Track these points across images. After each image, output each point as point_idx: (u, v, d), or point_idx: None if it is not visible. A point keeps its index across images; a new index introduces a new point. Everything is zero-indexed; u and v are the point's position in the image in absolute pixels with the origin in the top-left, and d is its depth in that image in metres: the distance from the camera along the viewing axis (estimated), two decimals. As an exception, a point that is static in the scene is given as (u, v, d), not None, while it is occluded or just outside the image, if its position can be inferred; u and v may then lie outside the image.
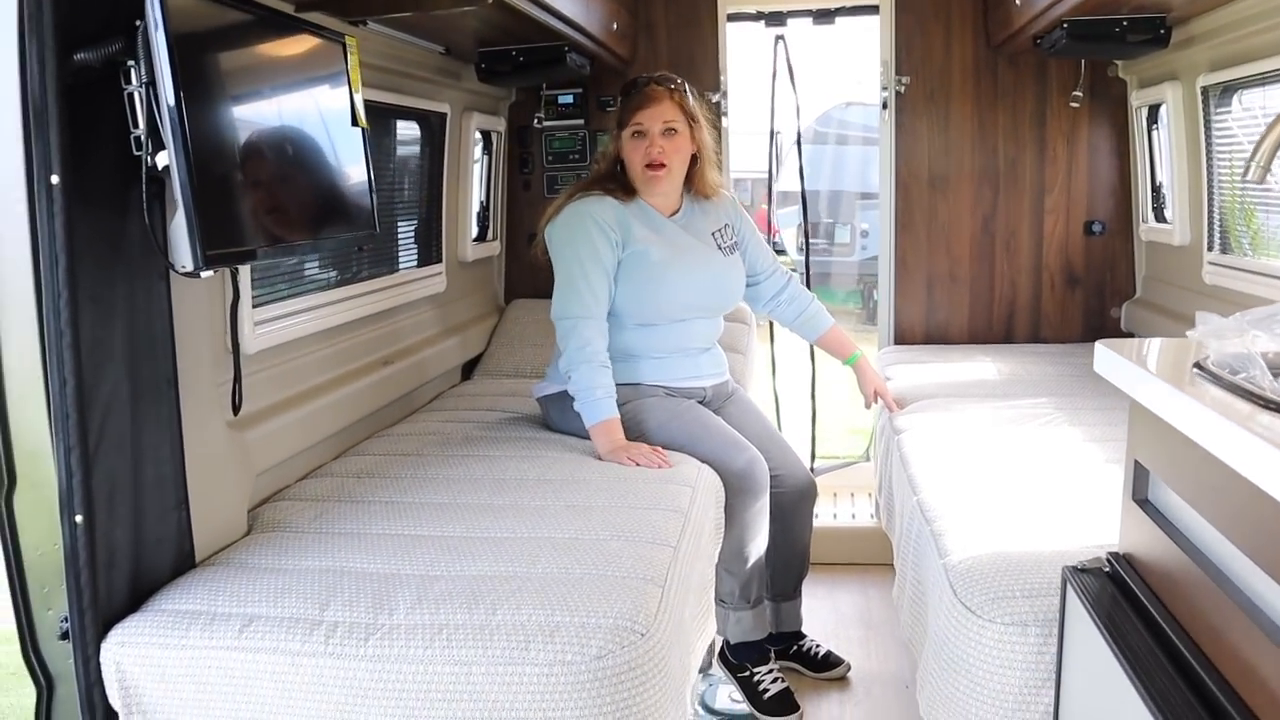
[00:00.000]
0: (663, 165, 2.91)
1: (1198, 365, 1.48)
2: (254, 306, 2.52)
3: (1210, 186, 3.35)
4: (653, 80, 2.94)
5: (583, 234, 2.87)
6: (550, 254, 2.97)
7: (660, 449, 2.76)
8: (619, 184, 2.98)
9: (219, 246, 1.86)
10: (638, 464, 2.69)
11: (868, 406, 3.38)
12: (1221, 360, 1.45)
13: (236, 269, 2.23)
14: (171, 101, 1.76)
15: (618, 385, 2.90)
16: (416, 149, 3.69)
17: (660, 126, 2.91)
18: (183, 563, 2.09)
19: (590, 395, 2.80)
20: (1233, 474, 1.21)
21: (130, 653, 1.88)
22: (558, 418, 3.04)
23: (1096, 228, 4.25)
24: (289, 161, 2.20)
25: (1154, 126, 3.89)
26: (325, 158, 2.34)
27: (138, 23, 1.76)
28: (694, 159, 3.02)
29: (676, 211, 3.06)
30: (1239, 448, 1.20)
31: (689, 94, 2.98)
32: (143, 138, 1.80)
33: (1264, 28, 2.83)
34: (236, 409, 2.28)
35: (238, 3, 2.08)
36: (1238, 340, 1.47)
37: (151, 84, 1.77)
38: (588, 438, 2.85)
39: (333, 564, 2.11)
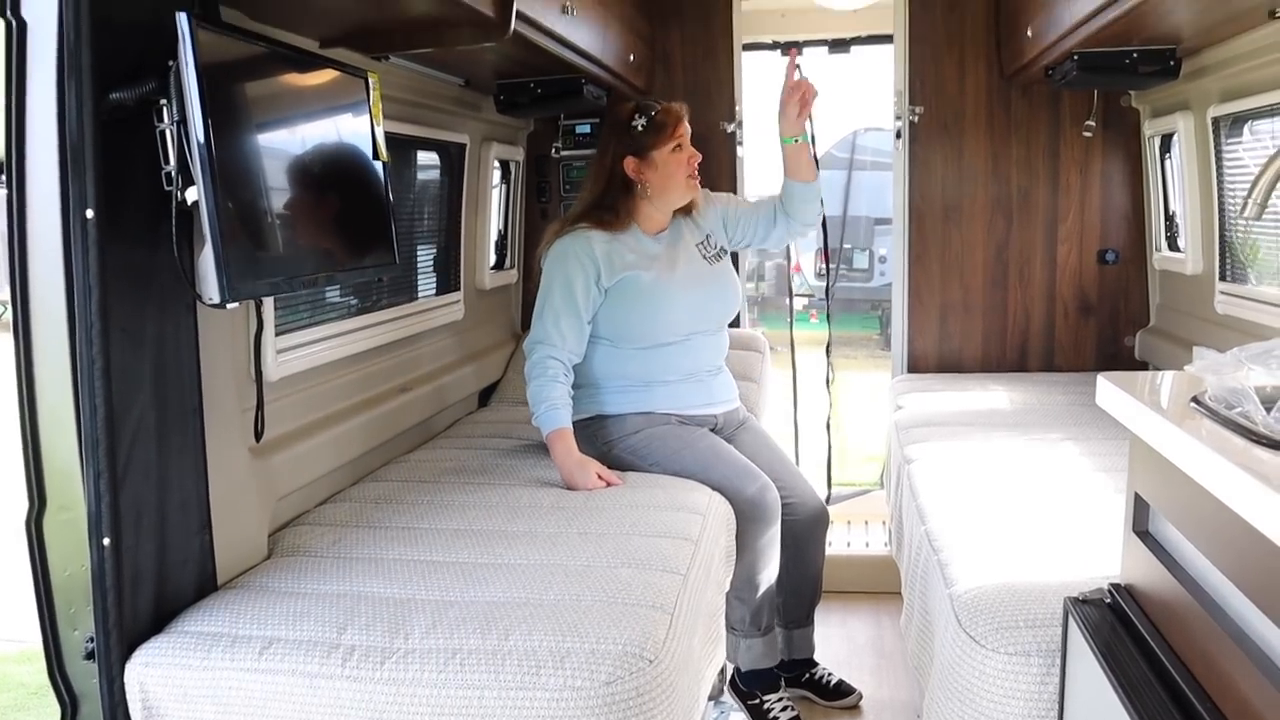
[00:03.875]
0: (697, 173, 3.08)
1: (1195, 400, 1.51)
2: (276, 335, 2.59)
3: (1222, 216, 3.38)
4: (662, 105, 3.05)
5: (560, 272, 2.96)
6: (544, 269, 3.06)
7: (608, 471, 2.84)
8: (615, 211, 3.03)
9: (245, 279, 1.92)
10: (594, 488, 2.78)
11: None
12: (1218, 395, 1.48)
13: (261, 300, 2.29)
14: (201, 139, 1.83)
15: (630, 414, 2.98)
16: (436, 179, 3.76)
17: (688, 139, 3.06)
18: (205, 585, 2.15)
19: (541, 406, 2.90)
20: (1226, 509, 1.24)
21: (153, 673, 1.93)
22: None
23: (1110, 256, 4.27)
24: (313, 196, 2.26)
25: (1166, 156, 3.92)
26: (347, 191, 2.41)
27: (170, 63, 1.83)
28: None
29: (663, 230, 3.12)
30: (1231, 483, 1.23)
31: None
32: (173, 174, 1.86)
33: (1271, 60, 2.86)
34: (259, 436, 2.33)
35: (266, 42, 2.15)
36: (1234, 375, 1.51)
37: (182, 122, 1.84)
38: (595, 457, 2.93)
39: (350, 588, 2.16)
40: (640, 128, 2.98)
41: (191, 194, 1.86)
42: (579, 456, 2.84)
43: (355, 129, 2.43)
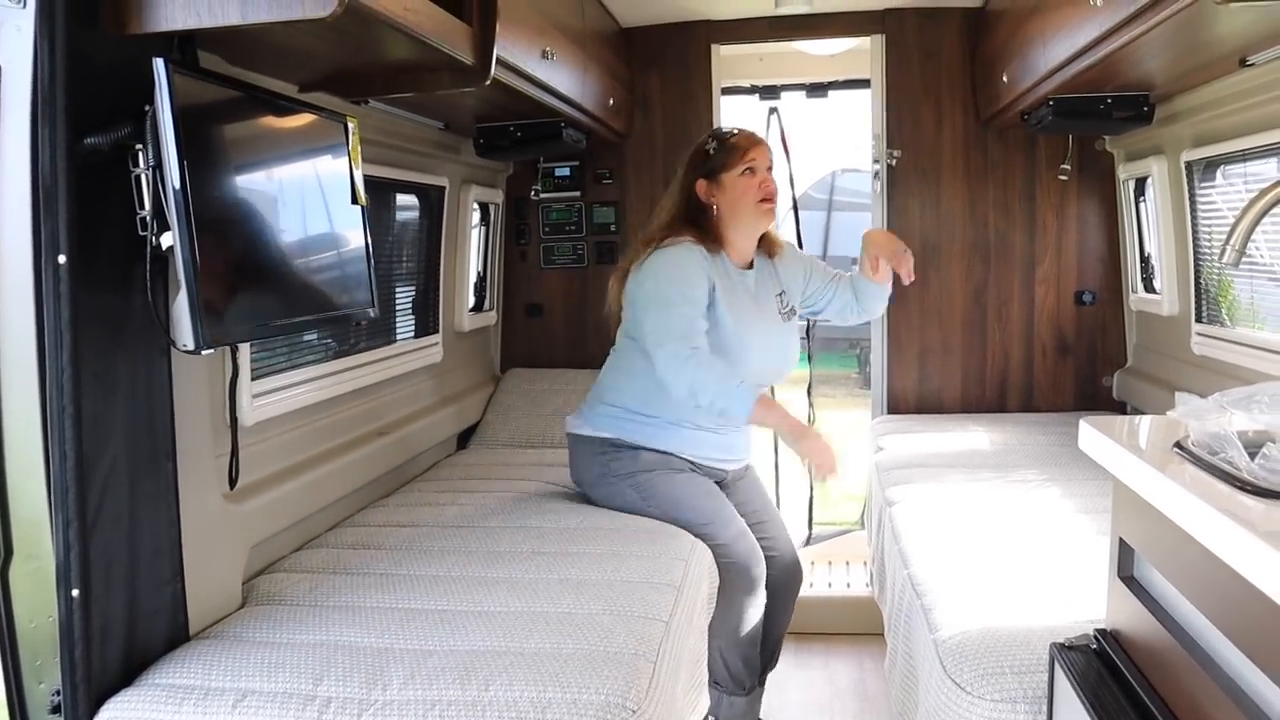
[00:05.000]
0: (774, 199, 2.97)
1: (1179, 445, 1.51)
2: (253, 379, 2.56)
3: (1197, 258, 3.41)
4: (741, 131, 3.00)
5: (680, 274, 2.81)
6: (635, 298, 2.90)
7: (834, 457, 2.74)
8: (705, 233, 2.93)
9: (220, 326, 1.90)
10: (825, 460, 2.72)
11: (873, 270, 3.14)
12: (1201, 440, 1.48)
13: (237, 346, 2.27)
14: (177, 184, 1.81)
15: (645, 450, 2.93)
16: (415, 221, 3.75)
17: (766, 163, 2.97)
18: (177, 636, 2.10)
19: (713, 387, 2.71)
20: (1211, 555, 1.24)
21: (122, 728, 1.88)
22: (581, 465, 3.07)
23: (1087, 297, 4.31)
24: (290, 242, 2.24)
25: (1141, 199, 3.97)
26: (325, 237, 2.39)
27: (146, 107, 1.82)
28: None
29: (750, 265, 3.04)
30: (1216, 530, 1.22)
31: None
32: (148, 219, 1.84)
33: (1241, 107, 2.91)
34: (233, 482, 2.30)
35: (243, 87, 2.14)
36: (1217, 420, 1.51)
37: (158, 167, 1.82)
38: (597, 491, 3.01)
39: (327, 638, 2.12)
40: (711, 150, 2.95)
41: (167, 239, 1.84)
42: (796, 422, 2.79)
43: (333, 173, 2.43)
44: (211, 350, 1.95)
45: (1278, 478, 1.32)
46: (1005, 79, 3.61)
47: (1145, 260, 3.99)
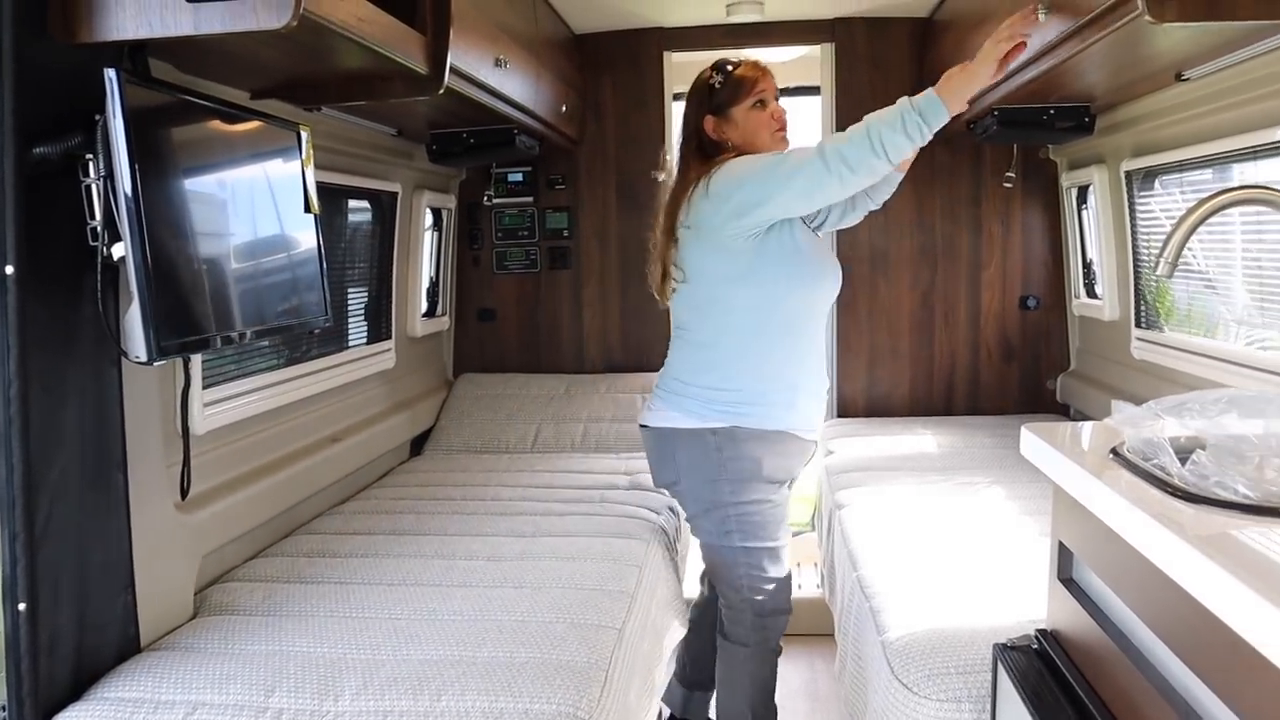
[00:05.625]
0: (787, 127, 2.71)
1: (1114, 451, 1.56)
2: (204, 387, 2.54)
3: (1136, 265, 3.50)
4: (745, 60, 2.73)
5: (766, 162, 2.49)
6: (733, 192, 2.48)
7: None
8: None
9: (172, 337, 1.89)
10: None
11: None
12: (1136, 447, 1.53)
13: (189, 356, 2.26)
14: (129, 194, 1.80)
15: (762, 433, 2.55)
16: (367, 227, 3.74)
17: (775, 92, 2.71)
18: (127, 648, 2.09)
19: (888, 116, 2.37)
20: (1143, 558, 1.28)
21: (71, 743, 1.87)
22: (685, 464, 2.61)
23: (1031, 302, 4.40)
24: (243, 252, 2.24)
25: (1083, 206, 4.05)
26: (278, 246, 2.39)
27: (97, 117, 1.81)
28: None
29: None
30: (1147, 534, 1.27)
31: None
32: (99, 229, 1.83)
33: (1178, 119, 2.99)
34: (185, 492, 2.29)
35: (195, 96, 2.13)
36: (1150, 427, 1.56)
37: (109, 177, 1.82)
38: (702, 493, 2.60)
39: (279, 647, 2.12)
40: (717, 85, 2.68)
41: (118, 249, 1.83)
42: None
43: (286, 181, 2.42)
44: (164, 361, 1.94)
45: (1206, 483, 1.38)
46: (951, 89, 3.67)
47: (1087, 266, 4.08)
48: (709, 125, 2.68)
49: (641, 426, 2.72)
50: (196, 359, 2.40)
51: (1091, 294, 4.04)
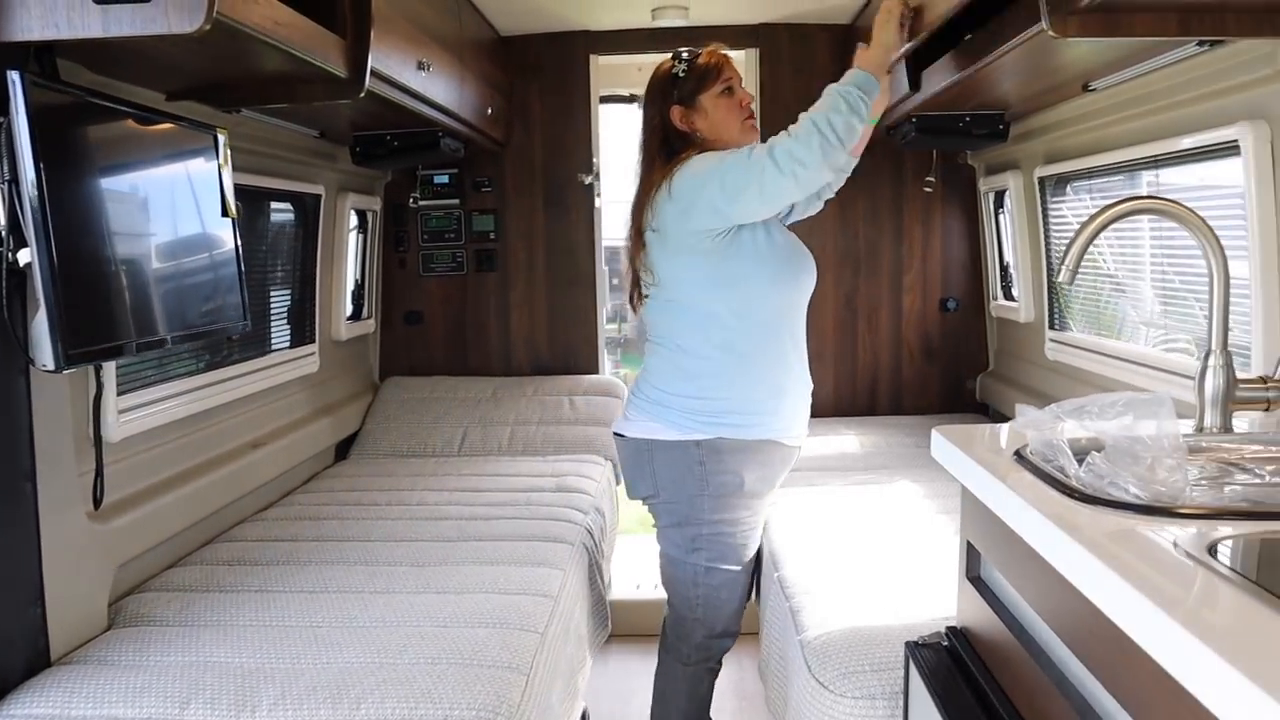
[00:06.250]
0: (754, 114, 2.64)
1: (1018, 453, 1.61)
2: (119, 394, 2.49)
3: (1049, 268, 3.60)
4: (707, 47, 2.66)
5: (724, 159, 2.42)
6: (691, 201, 2.42)
7: None
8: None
9: (82, 345, 1.86)
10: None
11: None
12: (1038, 450, 1.59)
13: (101, 364, 2.21)
14: (34, 198, 1.77)
15: (747, 444, 2.48)
16: (290, 229, 3.69)
17: (740, 78, 2.64)
18: (37, 662, 2.04)
19: (829, 102, 2.34)
20: (1040, 557, 1.33)
21: (-22, 761, 1.83)
22: (664, 476, 2.52)
23: (951, 305, 4.49)
24: (156, 256, 2.20)
25: (1000, 210, 4.16)
26: (195, 250, 2.36)
27: (0, 120, 1.77)
28: None
29: None
30: (1041, 534, 1.32)
31: None
32: (4, 235, 1.79)
33: (1086, 128, 3.09)
34: (98, 501, 2.25)
35: (106, 98, 2.10)
36: (1052, 430, 1.61)
37: (14, 182, 1.78)
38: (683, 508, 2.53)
39: (196, 658, 2.09)
40: (681, 74, 2.58)
41: (24, 255, 1.80)
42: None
43: (202, 185, 2.39)
44: (73, 369, 1.91)
45: (1101, 483, 1.43)
46: (872, 95, 3.74)
47: (1005, 269, 4.18)
48: (676, 116, 2.57)
49: (617, 435, 2.62)
50: (110, 365, 2.35)
51: (1009, 296, 4.14)
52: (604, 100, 4.59)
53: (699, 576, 2.54)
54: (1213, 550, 1.17)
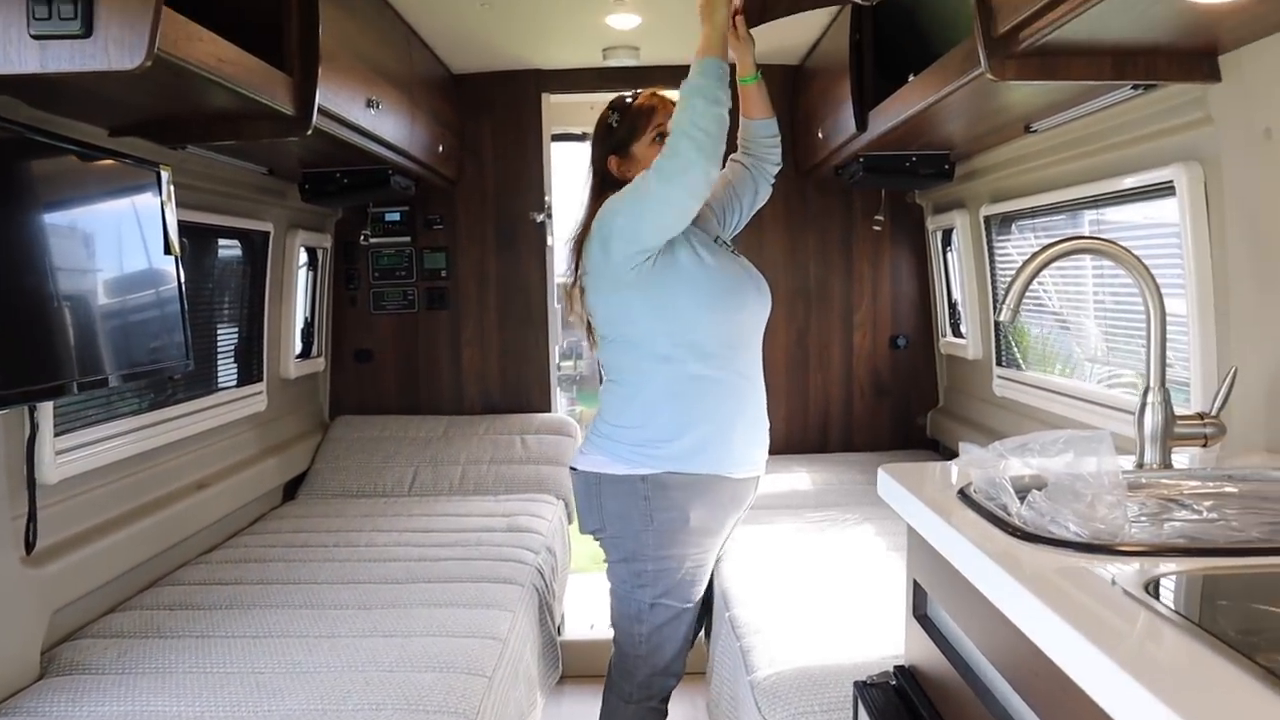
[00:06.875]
0: None
1: (962, 492, 1.62)
2: (57, 434, 2.43)
3: (995, 305, 3.65)
4: (643, 92, 2.64)
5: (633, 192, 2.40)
6: (609, 227, 2.42)
7: None
8: None
9: (14, 386, 1.82)
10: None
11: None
12: (981, 488, 1.59)
13: (35, 405, 2.16)
14: (-33, 237, 1.73)
15: (694, 479, 2.46)
16: (238, 266, 3.65)
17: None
18: (-36, 715, 1.98)
19: (686, 91, 2.32)
20: (982, 595, 1.33)
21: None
22: (613, 511, 2.49)
23: (901, 342, 4.54)
24: (95, 295, 2.17)
25: (948, 248, 4.21)
26: (135, 289, 2.32)
27: (-66, 157, 1.74)
28: None
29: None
30: (982, 573, 1.32)
31: None
32: (-66, 274, 1.75)
33: (1028, 168, 3.15)
34: (30, 546, 2.19)
35: (40, 134, 2.06)
36: (994, 468, 1.62)
37: (-54, 220, 1.74)
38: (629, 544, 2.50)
39: (133, 708, 2.04)
40: (614, 123, 2.59)
41: (-44, 294, 1.75)
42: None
43: (145, 222, 2.36)
44: (4, 410, 1.86)
45: (1043, 521, 1.44)
46: (820, 135, 3.79)
47: (953, 306, 4.23)
48: (613, 165, 2.58)
49: (570, 469, 2.59)
50: (46, 406, 2.30)
51: (957, 333, 4.19)
52: (556, 138, 4.61)
53: (644, 613, 2.51)
54: (1152, 588, 1.18)
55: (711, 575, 2.96)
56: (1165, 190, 2.39)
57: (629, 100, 2.62)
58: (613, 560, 2.55)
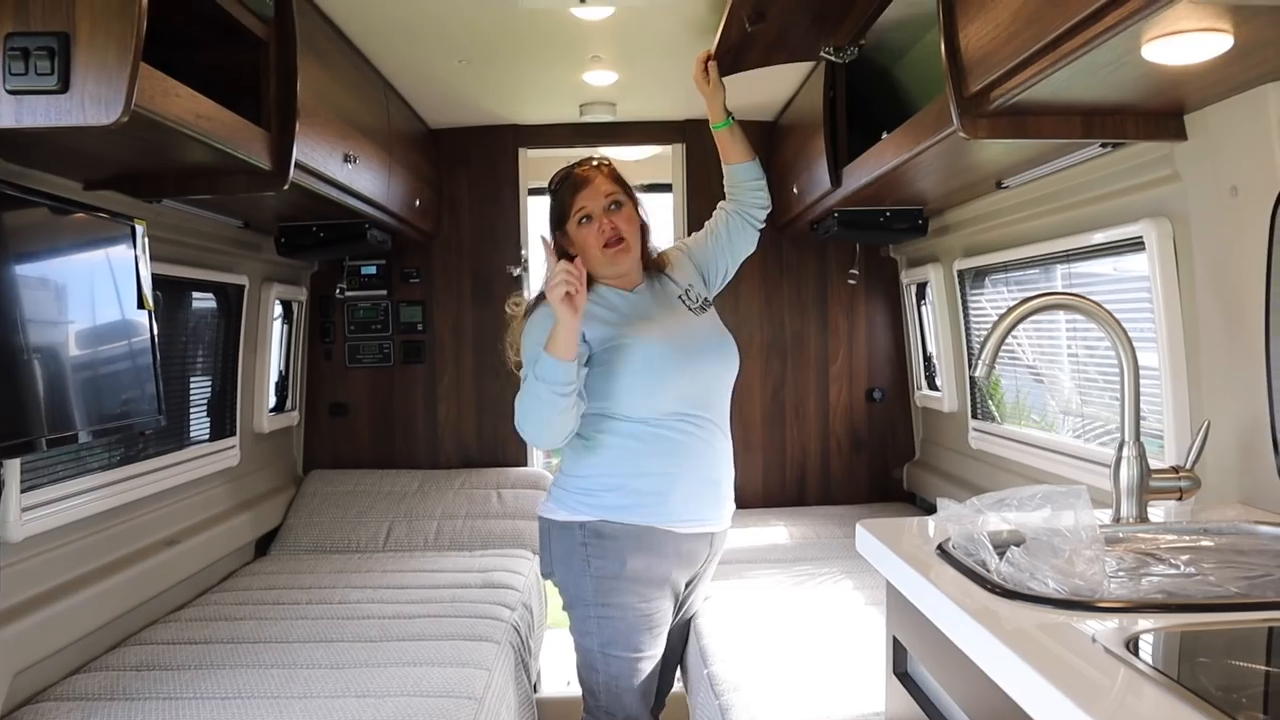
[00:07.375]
0: (620, 239, 2.50)
1: (940, 548, 1.62)
2: (23, 490, 2.39)
3: (970, 359, 3.68)
4: (578, 164, 2.59)
5: (531, 347, 2.41)
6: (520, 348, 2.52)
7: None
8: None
9: (-19, 442, 1.79)
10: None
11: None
12: (960, 543, 1.59)
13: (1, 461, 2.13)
14: (-63, 292, 1.72)
15: (630, 528, 2.44)
16: (212, 320, 3.63)
17: (603, 203, 2.50)
18: (-81, 781, 1.92)
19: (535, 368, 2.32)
20: (962, 653, 1.32)
21: None
22: (559, 551, 2.50)
23: (877, 395, 4.56)
24: (66, 350, 2.15)
25: (923, 302, 4.25)
26: (108, 342, 2.30)
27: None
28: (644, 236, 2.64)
29: (638, 284, 2.61)
30: (962, 630, 1.31)
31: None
32: (-98, 329, 1.73)
33: (1000, 223, 3.19)
34: (-7, 607, 2.14)
35: (17, 188, 2.05)
36: (972, 523, 1.62)
37: (-84, 274, 1.73)
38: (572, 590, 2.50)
39: (96, 773, 1.98)
40: (552, 201, 2.56)
41: (-76, 350, 1.73)
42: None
43: (118, 276, 2.34)
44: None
45: (1022, 577, 1.44)
46: (795, 190, 3.83)
47: (928, 359, 4.26)
48: (558, 240, 2.53)
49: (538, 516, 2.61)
50: (13, 462, 2.26)
51: (933, 386, 4.21)
52: (533, 193, 4.63)
53: (597, 661, 2.49)
54: (1131, 645, 1.18)
55: (688, 629, 2.95)
56: (1136, 245, 2.43)
57: (564, 174, 2.57)
58: (565, 606, 2.55)
